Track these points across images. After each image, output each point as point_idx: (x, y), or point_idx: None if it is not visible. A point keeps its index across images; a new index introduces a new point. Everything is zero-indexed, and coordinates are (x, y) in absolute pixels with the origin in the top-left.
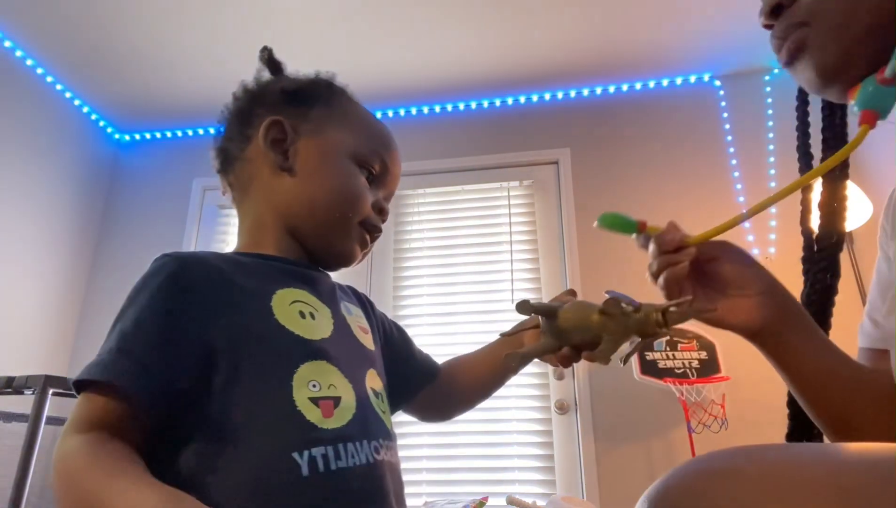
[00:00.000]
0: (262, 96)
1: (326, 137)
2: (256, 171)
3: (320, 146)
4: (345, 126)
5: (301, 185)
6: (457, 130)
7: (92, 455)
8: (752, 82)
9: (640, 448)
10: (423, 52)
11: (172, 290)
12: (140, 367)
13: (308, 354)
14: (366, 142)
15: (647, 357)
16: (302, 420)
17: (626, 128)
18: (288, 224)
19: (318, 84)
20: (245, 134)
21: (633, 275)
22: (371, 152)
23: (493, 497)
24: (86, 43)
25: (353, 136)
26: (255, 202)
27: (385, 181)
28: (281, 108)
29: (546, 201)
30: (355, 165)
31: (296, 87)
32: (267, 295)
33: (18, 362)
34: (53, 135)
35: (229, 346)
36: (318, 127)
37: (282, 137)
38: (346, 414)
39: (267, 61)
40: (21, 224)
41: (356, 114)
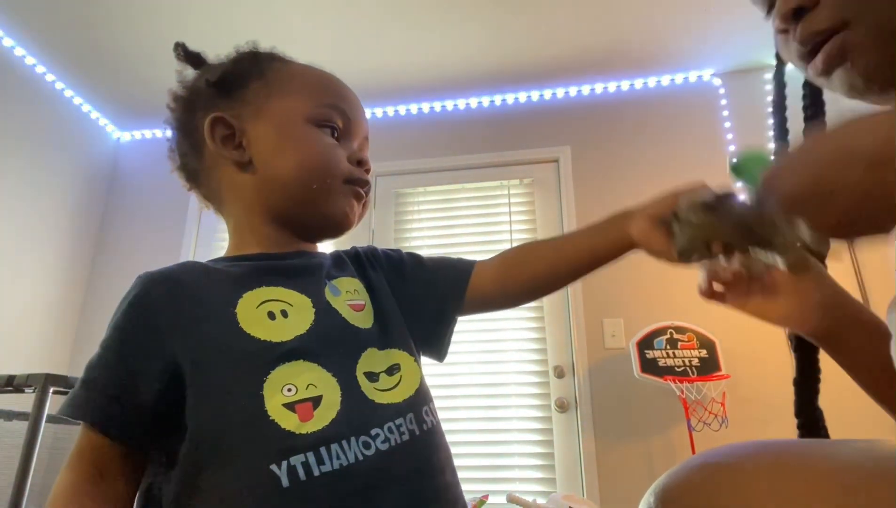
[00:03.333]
0: (193, 99)
1: (272, 112)
2: (221, 175)
3: (270, 124)
4: (288, 92)
5: (267, 172)
6: (457, 129)
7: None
8: (752, 80)
9: (640, 447)
10: (423, 51)
11: (134, 314)
12: (104, 398)
13: (279, 357)
14: (316, 99)
15: (648, 356)
16: (276, 430)
17: (627, 126)
18: (271, 215)
19: (242, 60)
20: (193, 143)
21: (633, 275)
22: (326, 107)
23: (493, 496)
24: (86, 41)
25: (300, 99)
26: (231, 206)
27: (352, 130)
28: (216, 102)
29: (546, 199)
30: (315, 127)
31: (220, 74)
32: (231, 302)
33: (19, 360)
34: (53, 133)
35: (194, 362)
36: (261, 105)
37: (230, 132)
38: (329, 413)
39: (184, 57)
40: (21, 223)
41: (295, 74)
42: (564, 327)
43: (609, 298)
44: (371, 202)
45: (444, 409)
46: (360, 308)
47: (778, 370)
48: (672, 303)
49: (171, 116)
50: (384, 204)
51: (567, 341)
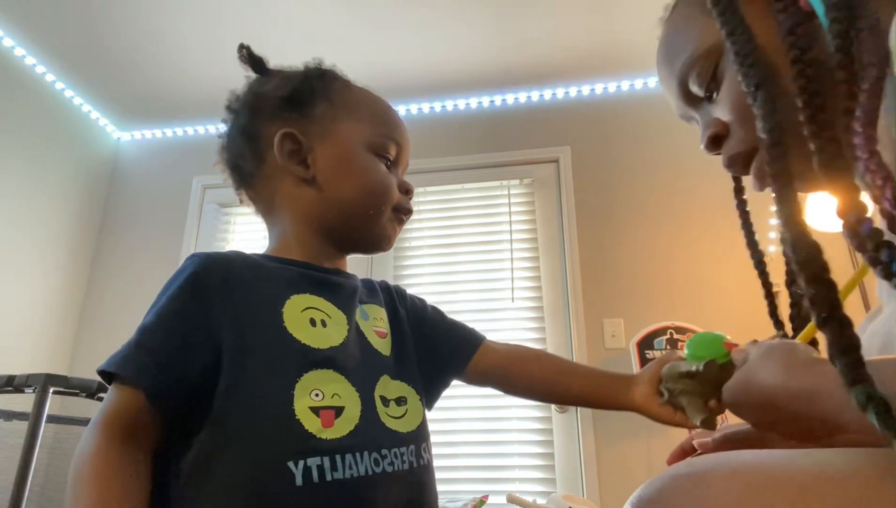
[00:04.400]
0: (260, 107)
1: (339, 135)
2: (278, 185)
3: (336, 147)
4: (353, 117)
5: (328, 191)
6: (457, 129)
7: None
8: None
9: (640, 447)
10: (423, 51)
11: (192, 290)
12: (154, 362)
13: (314, 363)
14: (377, 128)
15: (648, 356)
16: (300, 429)
17: (627, 126)
18: (321, 229)
19: (311, 78)
20: (256, 150)
21: (633, 274)
22: (385, 137)
23: (493, 496)
24: (86, 41)
25: (363, 126)
26: (283, 215)
27: (401, 160)
28: (284, 115)
29: (546, 200)
30: (373, 155)
31: (291, 89)
32: (280, 301)
33: (19, 360)
34: (53, 133)
35: (237, 349)
36: (328, 126)
37: (296, 148)
38: (347, 425)
39: (248, 60)
40: (21, 222)
41: (359, 100)
42: (564, 327)
43: (609, 298)
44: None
45: (445, 409)
46: (383, 335)
47: None
48: (672, 303)
49: (233, 117)
50: None
51: (567, 341)
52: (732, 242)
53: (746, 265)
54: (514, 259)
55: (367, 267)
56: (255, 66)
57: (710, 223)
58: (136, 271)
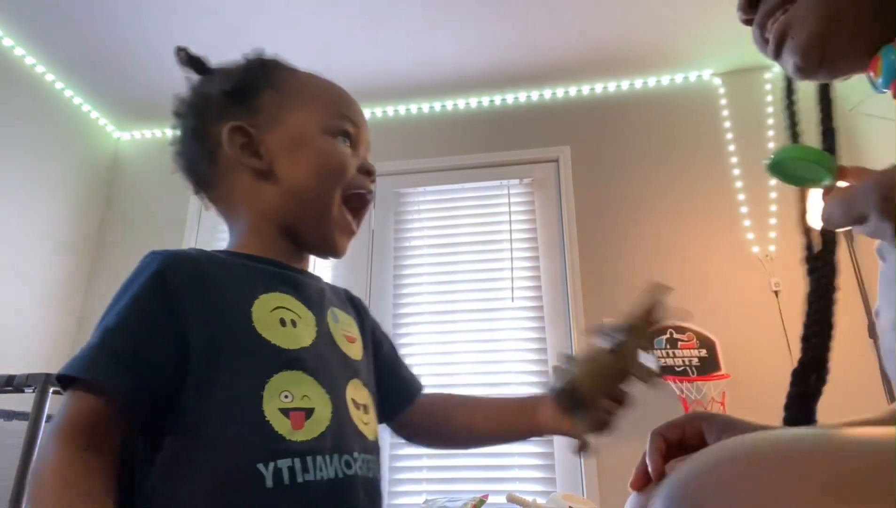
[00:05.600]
0: (205, 107)
1: (289, 122)
2: (235, 182)
3: (288, 133)
4: (302, 102)
5: (285, 180)
6: (456, 128)
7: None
8: (752, 79)
9: (640, 446)
10: (423, 50)
11: (156, 289)
12: (120, 364)
13: (283, 364)
14: (329, 109)
15: None
16: (270, 431)
17: (627, 125)
18: (282, 224)
19: (253, 69)
20: (208, 151)
21: (633, 274)
22: (338, 117)
23: (493, 495)
24: (86, 41)
25: (313, 109)
26: (243, 212)
27: (360, 139)
28: (230, 110)
29: (546, 199)
30: (330, 136)
31: (234, 83)
32: (248, 301)
33: (19, 360)
34: (53, 134)
35: (205, 350)
36: (276, 115)
37: (247, 141)
38: (317, 427)
39: (187, 62)
40: (21, 222)
41: (306, 84)
42: (564, 327)
43: (609, 298)
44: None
45: None
46: (352, 340)
47: (778, 369)
48: (672, 303)
49: (181, 121)
50: (384, 204)
51: (567, 340)
52: (732, 241)
53: (746, 265)
54: (514, 259)
55: (366, 267)
56: (195, 66)
57: (710, 223)
58: None
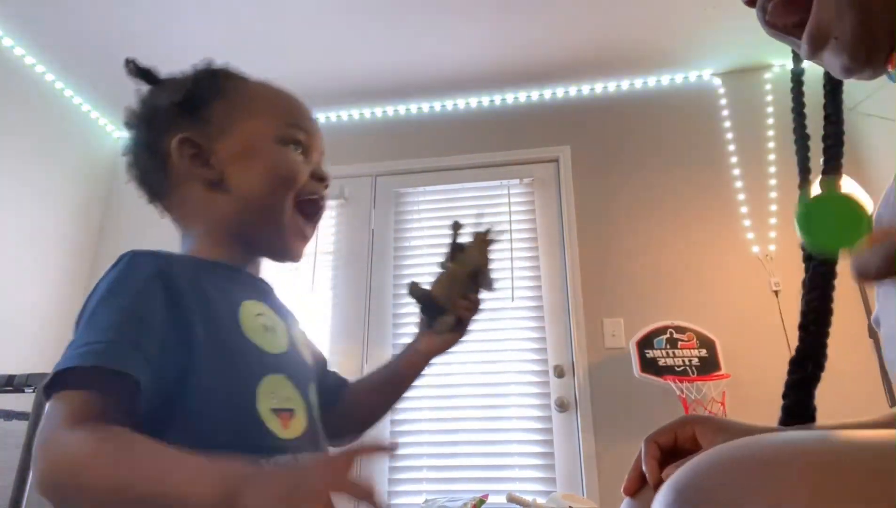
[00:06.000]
0: (155, 119)
1: (239, 131)
2: (187, 193)
3: (238, 143)
4: (252, 112)
5: (237, 189)
6: (457, 128)
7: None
8: (752, 79)
9: (640, 446)
10: (423, 50)
11: (159, 287)
12: (143, 356)
13: (270, 367)
14: (280, 118)
15: (648, 355)
16: (265, 430)
17: (627, 125)
18: (236, 232)
19: (203, 79)
20: (159, 163)
21: (633, 274)
22: (290, 126)
23: (493, 495)
24: (86, 41)
25: (264, 118)
26: (197, 221)
27: (313, 146)
28: (179, 122)
29: (546, 199)
30: (281, 145)
31: (183, 94)
32: (235, 305)
33: (19, 360)
34: (54, 133)
35: (207, 349)
36: (226, 125)
37: (197, 152)
38: (299, 426)
39: (137, 73)
40: (22, 223)
41: (257, 93)
42: (564, 326)
43: (609, 298)
44: (371, 202)
45: (445, 409)
46: (305, 345)
47: (778, 369)
48: (672, 303)
49: (132, 133)
50: (384, 204)
51: (567, 340)
52: (732, 241)
53: (746, 265)
54: (514, 259)
55: (366, 266)
56: (145, 77)
57: (709, 223)
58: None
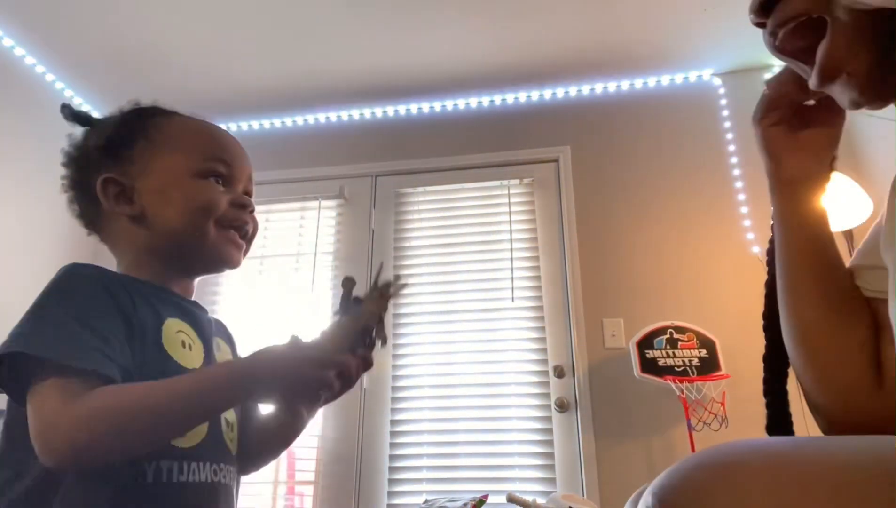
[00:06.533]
0: (84, 161)
1: (158, 168)
2: (117, 227)
3: (157, 180)
4: (172, 148)
5: (156, 224)
6: (457, 128)
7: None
8: (752, 80)
9: (640, 446)
10: (423, 50)
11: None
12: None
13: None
14: (198, 153)
15: (648, 355)
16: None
17: (627, 126)
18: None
19: (126, 122)
20: (89, 201)
21: (633, 274)
22: (208, 159)
23: (493, 495)
24: (86, 41)
25: (183, 154)
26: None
27: (234, 176)
28: (104, 162)
29: (546, 199)
30: (201, 179)
31: (105, 139)
32: (159, 321)
33: None
34: (53, 133)
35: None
36: (147, 163)
37: (120, 190)
38: (196, 437)
39: (72, 117)
40: (21, 223)
41: (178, 130)
42: (564, 327)
43: (609, 298)
44: (371, 202)
45: (444, 409)
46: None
47: None
48: (672, 303)
49: (66, 173)
50: (384, 204)
51: (567, 341)
52: (732, 241)
53: (746, 265)
54: (514, 259)
55: (366, 266)
56: (79, 121)
57: (709, 223)
58: None
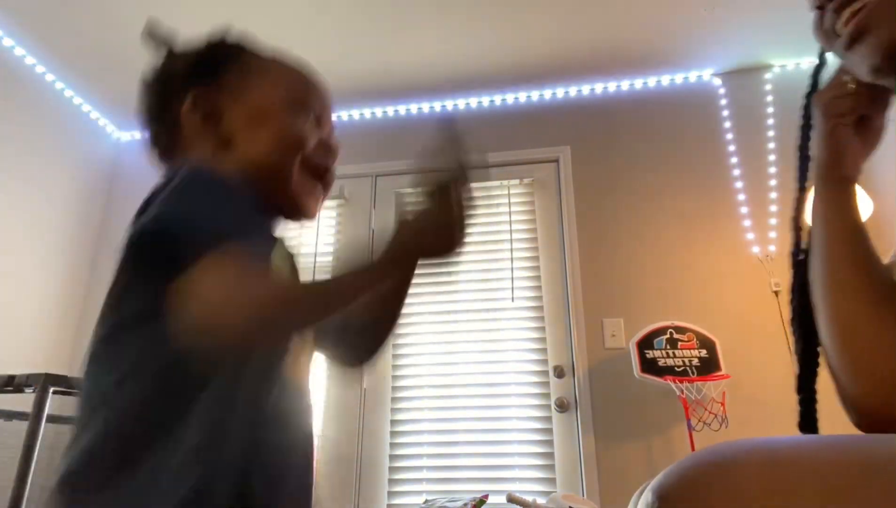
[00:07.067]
0: (170, 80)
1: (252, 95)
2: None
3: (249, 106)
4: (266, 78)
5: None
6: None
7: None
8: (752, 80)
9: (640, 446)
10: (423, 50)
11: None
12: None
13: None
14: (295, 85)
15: (648, 355)
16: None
17: (627, 126)
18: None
19: (218, 45)
20: (170, 125)
21: (633, 274)
22: (304, 93)
23: (493, 495)
24: (86, 41)
25: (277, 84)
26: None
27: (325, 119)
28: (194, 83)
29: (546, 199)
30: (295, 111)
31: (194, 59)
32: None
33: (19, 360)
34: (53, 134)
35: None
36: (240, 88)
37: (208, 113)
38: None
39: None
40: (21, 223)
41: (271, 60)
42: (564, 327)
43: (609, 298)
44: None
45: (444, 409)
46: None
47: (778, 369)
48: (672, 303)
49: (144, 100)
50: (384, 204)
51: (567, 341)
52: (732, 241)
53: (746, 265)
54: (514, 259)
55: None
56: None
57: (709, 223)
58: None
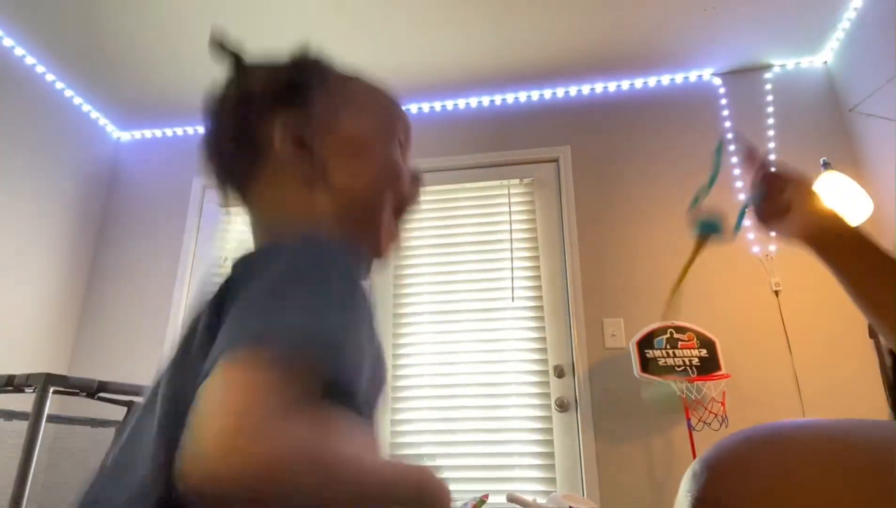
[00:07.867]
0: (250, 103)
1: (345, 122)
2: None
3: (346, 138)
4: (360, 105)
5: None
6: (457, 128)
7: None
8: (752, 80)
9: (640, 446)
10: (423, 50)
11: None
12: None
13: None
14: (385, 113)
15: (648, 355)
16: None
17: (627, 125)
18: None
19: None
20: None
21: (633, 274)
22: (394, 122)
23: (493, 495)
24: (85, 41)
25: (371, 113)
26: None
27: (408, 148)
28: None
29: (546, 199)
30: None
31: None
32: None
33: (19, 360)
34: (53, 133)
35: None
36: (329, 116)
37: (299, 140)
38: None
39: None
40: (21, 223)
41: (360, 87)
42: (564, 326)
43: (609, 298)
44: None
45: (445, 409)
46: None
47: (778, 369)
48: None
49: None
50: None
51: (567, 340)
52: (732, 242)
53: (746, 265)
54: (515, 259)
55: None
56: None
57: None
58: (136, 271)
